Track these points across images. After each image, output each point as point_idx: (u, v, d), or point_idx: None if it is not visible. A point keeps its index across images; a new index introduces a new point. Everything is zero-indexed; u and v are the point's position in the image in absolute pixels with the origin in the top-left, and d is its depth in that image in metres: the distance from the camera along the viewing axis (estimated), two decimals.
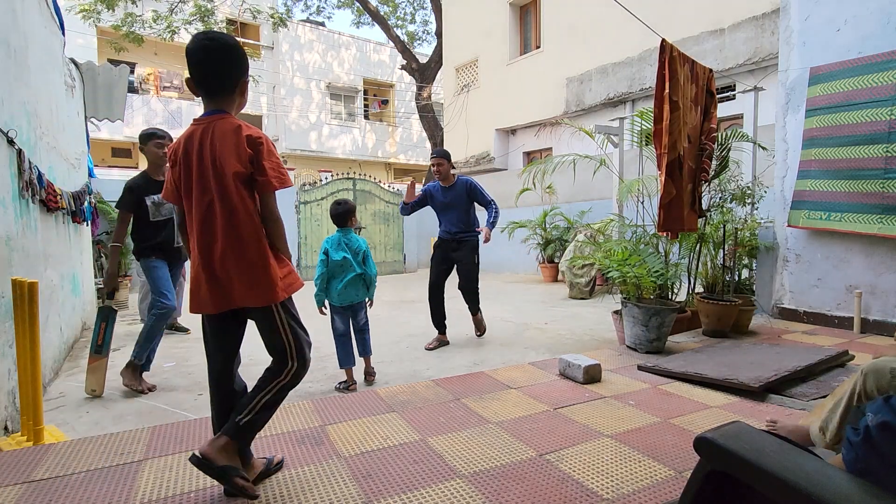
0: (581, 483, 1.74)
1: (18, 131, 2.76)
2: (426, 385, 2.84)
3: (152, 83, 17.35)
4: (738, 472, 0.63)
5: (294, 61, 18.86)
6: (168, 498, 1.66)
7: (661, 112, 3.49)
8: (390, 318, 5.71)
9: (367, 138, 20.65)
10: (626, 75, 8.98)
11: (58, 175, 4.03)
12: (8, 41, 2.74)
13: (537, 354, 3.94)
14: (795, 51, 4.42)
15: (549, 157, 6.00)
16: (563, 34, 10.32)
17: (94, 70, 5.95)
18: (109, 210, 7.56)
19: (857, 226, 3.93)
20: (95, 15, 10.94)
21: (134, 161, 17.41)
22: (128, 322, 5.63)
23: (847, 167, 3.95)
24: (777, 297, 4.60)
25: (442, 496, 1.65)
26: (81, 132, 5.71)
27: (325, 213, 10.30)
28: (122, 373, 3.23)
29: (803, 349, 3.34)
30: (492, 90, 12.23)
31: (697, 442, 0.69)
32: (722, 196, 4.33)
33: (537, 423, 2.27)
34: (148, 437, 2.13)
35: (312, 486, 1.73)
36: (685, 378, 2.87)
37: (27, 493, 1.68)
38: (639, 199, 4.45)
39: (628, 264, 3.59)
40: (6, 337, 2.39)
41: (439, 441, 2.08)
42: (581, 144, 8.84)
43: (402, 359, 3.97)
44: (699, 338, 3.90)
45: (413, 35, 20.49)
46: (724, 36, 7.45)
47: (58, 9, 4.52)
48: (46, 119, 3.71)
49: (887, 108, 3.72)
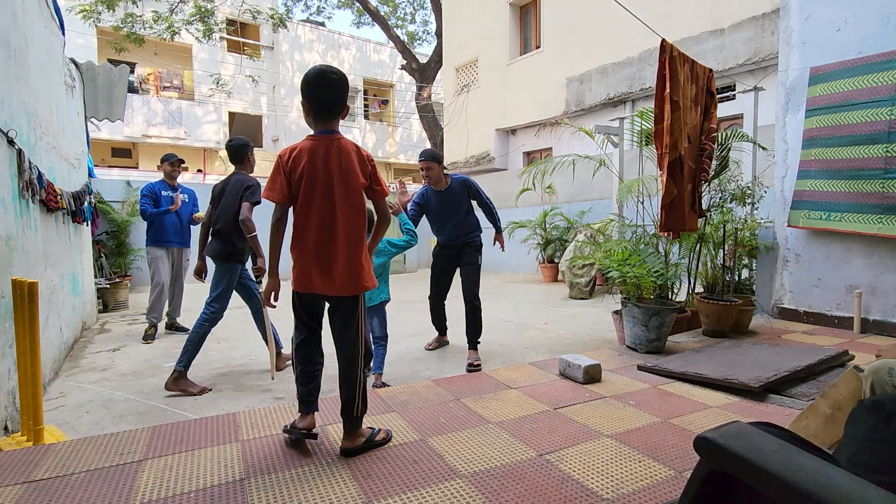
0: (581, 483, 1.74)
1: (18, 131, 2.76)
2: (426, 385, 2.84)
3: (152, 83, 17.35)
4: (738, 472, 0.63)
5: (294, 61, 18.87)
6: (168, 498, 1.66)
7: (661, 112, 3.49)
8: (390, 318, 5.69)
9: (367, 138, 20.65)
10: (626, 75, 8.98)
11: (58, 175, 4.03)
12: (8, 41, 2.74)
13: (537, 354, 3.94)
14: (795, 51, 4.42)
15: (549, 157, 6.00)
16: (563, 34, 10.32)
17: (94, 70, 5.95)
18: (109, 210, 7.56)
19: (857, 226, 3.93)
20: (96, 15, 10.93)
21: (134, 161, 17.43)
22: (128, 322, 5.63)
23: (847, 167, 3.95)
24: (777, 297, 4.60)
25: (442, 496, 1.65)
26: (81, 132, 5.71)
27: None
28: (169, 386, 3.15)
29: (803, 349, 3.34)
30: (492, 90, 12.22)
31: (697, 442, 0.68)
32: (722, 196, 4.33)
33: (537, 423, 2.27)
34: (148, 437, 2.13)
35: (312, 486, 1.73)
36: (685, 378, 2.87)
37: (27, 493, 1.68)
38: (639, 199, 4.45)
39: (628, 264, 3.59)
40: (6, 337, 2.39)
41: (439, 441, 2.08)
42: (581, 144, 8.84)
43: (402, 359, 3.97)
44: (699, 338, 3.90)
45: (413, 35, 20.50)
46: (724, 36, 7.45)
47: (58, 9, 4.52)
48: (46, 119, 3.71)
49: (887, 108, 3.72)
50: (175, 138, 16.92)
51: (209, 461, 1.91)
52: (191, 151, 17.76)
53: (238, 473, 1.82)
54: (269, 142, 19.35)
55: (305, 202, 1.91)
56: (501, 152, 12.21)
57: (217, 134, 17.87)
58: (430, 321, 4.37)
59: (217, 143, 17.88)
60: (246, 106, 18.65)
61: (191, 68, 17.56)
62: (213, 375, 3.61)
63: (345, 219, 1.91)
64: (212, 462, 1.91)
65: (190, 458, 1.95)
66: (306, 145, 1.92)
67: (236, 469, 1.85)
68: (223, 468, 1.86)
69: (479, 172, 12.63)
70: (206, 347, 4.44)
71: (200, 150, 17.88)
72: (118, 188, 8.42)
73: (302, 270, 1.93)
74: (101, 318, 5.88)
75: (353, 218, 1.93)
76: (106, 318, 5.89)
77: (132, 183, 8.66)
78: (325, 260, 1.91)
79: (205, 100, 17.31)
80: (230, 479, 1.77)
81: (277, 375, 3.59)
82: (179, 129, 16.92)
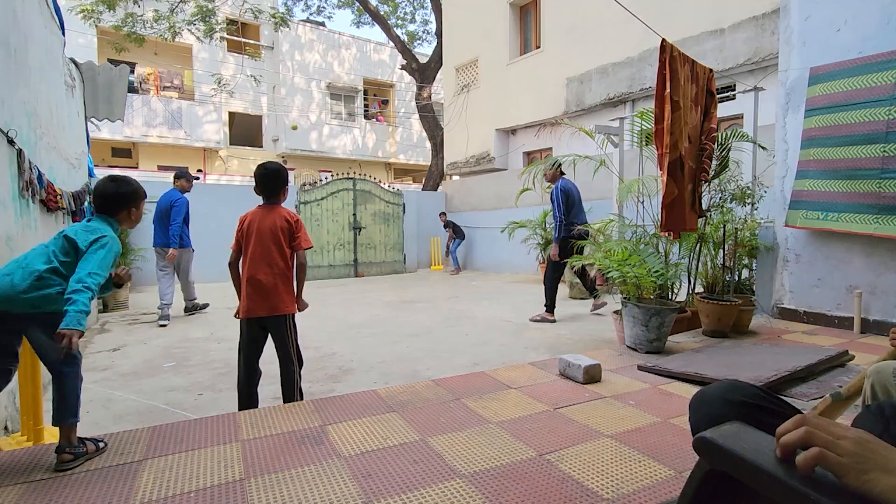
0: (581, 483, 1.74)
1: (18, 131, 2.76)
2: (426, 385, 2.84)
3: (152, 83, 17.35)
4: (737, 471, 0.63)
5: (294, 61, 18.86)
6: (168, 498, 1.66)
7: (661, 112, 3.49)
8: (390, 318, 5.71)
9: (367, 138, 20.65)
10: (626, 75, 8.98)
11: (58, 175, 4.03)
12: (8, 41, 2.74)
13: (537, 354, 3.94)
14: (795, 51, 4.42)
15: (549, 157, 6.00)
16: (563, 34, 10.31)
17: (94, 70, 5.95)
18: None
19: (854, 226, 3.92)
20: (96, 15, 10.93)
21: (134, 161, 17.43)
22: (128, 322, 5.63)
23: (844, 167, 3.95)
24: (777, 297, 4.60)
25: (442, 496, 1.66)
26: (81, 132, 5.72)
27: (326, 212, 10.31)
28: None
29: (803, 349, 3.34)
30: (492, 90, 12.22)
31: (696, 442, 0.68)
32: (722, 196, 4.33)
33: (537, 423, 2.27)
34: (148, 437, 2.13)
35: (312, 486, 1.73)
36: (685, 378, 2.87)
37: (27, 493, 1.69)
38: (638, 199, 4.45)
39: (628, 264, 3.59)
40: None
41: (439, 441, 2.08)
42: (581, 144, 8.83)
43: (402, 359, 3.97)
44: (699, 338, 3.90)
45: (413, 35, 20.50)
46: (724, 36, 7.45)
47: (58, 9, 4.52)
48: (46, 119, 3.71)
49: (885, 108, 3.72)
50: (175, 138, 16.93)
51: (209, 461, 1.91)
52: (191, 151, 17.77)
53: (238, 473, 1.82)
54: (270, 142, 19.36)
55: (246, 248, 2.64)
56: (501, 152, 12.21)
57: (217, 134, 17.87)
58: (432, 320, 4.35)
59: (217, 142, 17.89)
60: (246, 106, 18.66)
61: (191, 68, 17.56)
62: (214, 375, 3.61)
63: (267, 257, 2.61)
64: (212, 462, 1.91)
65: (190, 458, 1.95)
66: (255, 212, 2.69)
67: (236, 469, 1.85)
68: (223, 468, 1.86)
69: (479, 172, 12.63)
70: (205, 347, 4.45)
71: (200, 150, 17.89)
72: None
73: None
74: (101, 318, 5.88)
75: (275, 258, 2.63)
76: (106, 318, 5.89)
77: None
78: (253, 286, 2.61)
79: (205, 100, 17.31)
80: (230, 479, 1.78)
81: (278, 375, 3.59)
82: (178, 129, 16.91)
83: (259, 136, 19.52)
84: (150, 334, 5.02)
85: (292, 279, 2.69)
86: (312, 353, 4.20)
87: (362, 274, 10.70)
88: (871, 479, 0.55)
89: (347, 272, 10.55)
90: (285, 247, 2.65)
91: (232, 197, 9.60)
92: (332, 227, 10.35)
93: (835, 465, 0.57)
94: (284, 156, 18.93)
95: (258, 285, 2.56)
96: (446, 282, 9.91)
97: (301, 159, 19.04)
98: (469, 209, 12.21)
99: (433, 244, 12.53)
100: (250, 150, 19.16)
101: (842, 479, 0.56)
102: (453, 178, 14.71)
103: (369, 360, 3.95)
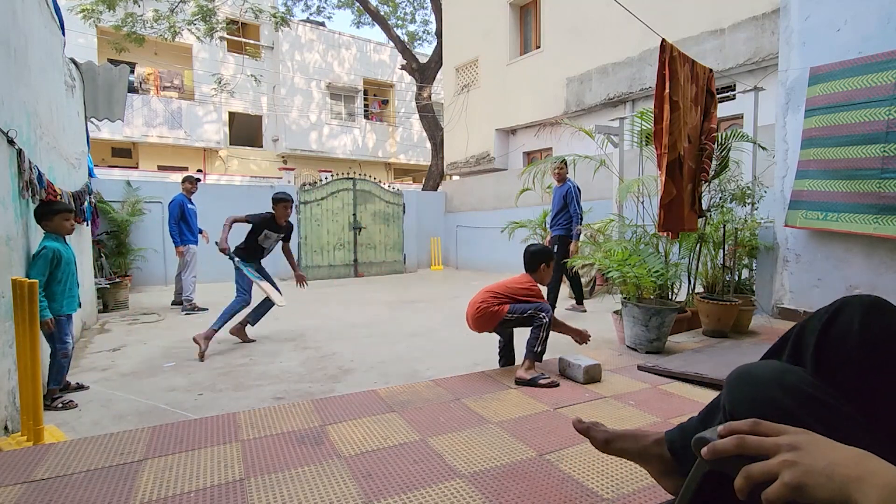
0: (581, 483, 1.74)
1: (18, 131, 2.76)
2: (426, 385, 2.84)
3: (152, 83, 17.35)
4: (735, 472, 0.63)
5: (294, 61, 18.86)
6: (168, 498, 1.66)
7: (661, 112, 3.49)
8: (390, 318, 5.71)
9: (368, 138, 20.65)
10: (626, 75, 8.98)
11: (58, 175, 4.03)
12: (8, 41, 2.74)
13: None
14: (795, 51, 4.42)
15: (549, 157, 6.00)
16: (563, 34, 10.31)
17: (94, 70, 5.95)
18: (109, 210, 7.57)
19: (853, 226, 3.92)
20: (96, 15, 10.93)
21: (134, 161, 17.44)
22: (128, 322, 5.64)
23: (844, 167, 3.95)
24: (777, 297, 4.60)
25: (442, 496, 1.66)
26: (81, 132, 5.72)
27: (325, 213, 10.31)
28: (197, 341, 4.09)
29: None
30: (492, 90, 12.22)
31: (696, 442, 0.68)
32: (722, 196, 4.33)
33: (537, 423, 2.27)
34: (148, 437, 2.13)
35: (312, 486, 1.73)
36: (685, 378, 2.87)
37: (27, 493, 1.69)
38: (639, 199, 4.45)
39: (628, 264, 3.59)
40: (6, 337, 2.39)
41: (439, 441, 2.08)
42: (581, 144, 8.84)
43: (402, 359, 3.97)
44: (699, 338, 3.90)
45: (413, 35, 20.50)
46: (724, 36, 7.45)
47: (58, 9, 4.52)
48: (46, 119, 3.71)
49: (885, 108, 3.71)
50: (175, 138, 16.93)
51: (209, 461, 1.91)
52: (191, 151, 17.77)
53: (238, 473, 1.82)
54: (270, 142, 19.36)
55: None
56: (501, 152, 12.22)
57: (217, 134, 17.88)
58: (431, 320, 4.37)
59: (217, 142, 17.89)
60: (246, 106, 18.66)
61: (191, 68, 17.56)
62: (214, 375, 3.61)
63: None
64: (212, 462, 1.91)
65: (190, 458, 1.95)
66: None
67: (236, 469, 1.85)
68: (223, 468, 1.86)
69: (479, 172, 12.63)
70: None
71: (200, 150, 17.89)
72: (118, 188, 8.43)
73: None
74: (101, 318, 5.88)
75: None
76: (106, 318, 5.89)
77: (132, 183, 8.68)
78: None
79: (205, 100, 17.31)
80: (230, 479, 1.77)
81: (278, 375, 3.60)
82: (179, 129, 16.91)
83: (259, 136, 19.52)
84: (151, 334, 5.02)
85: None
86: (312, 352, 4.20)
87: (362, 274, 10.70)
88: (812, 485, 0.52)
89: (347, 272, 10.56)
90: None
91: (232, 197, 9.61)
92: (332, 227, 10.35)
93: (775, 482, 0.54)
94: (284, 156, 18.94)
95: None
96: (446, 282, 9.91)
97: (301, 159, 19.04)
98: (469, 209, 12.21)
99: (433, 244, 12.53)
100: (250, 150, 19.17)
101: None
102: (453, 178, 14.71)
103: (369, 360, 3.95)
